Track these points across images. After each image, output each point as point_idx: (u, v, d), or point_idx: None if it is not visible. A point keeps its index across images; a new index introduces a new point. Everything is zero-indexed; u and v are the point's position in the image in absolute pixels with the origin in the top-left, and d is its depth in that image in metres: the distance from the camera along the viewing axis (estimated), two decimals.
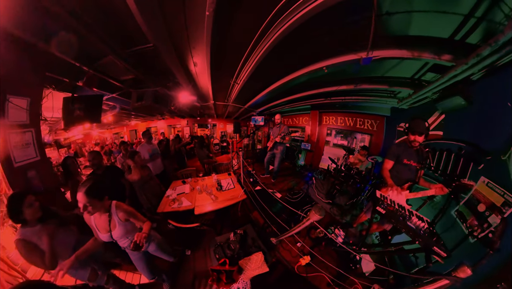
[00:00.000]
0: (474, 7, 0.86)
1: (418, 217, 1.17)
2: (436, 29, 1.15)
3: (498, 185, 0.94)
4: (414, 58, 1.42)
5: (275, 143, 2.97)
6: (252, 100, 3.87)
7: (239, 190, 1.95)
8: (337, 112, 3.86)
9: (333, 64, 1.97)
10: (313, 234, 1.97)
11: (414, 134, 1.27)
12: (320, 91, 3.09)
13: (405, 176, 1.38)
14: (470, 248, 1.01)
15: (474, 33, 0.99)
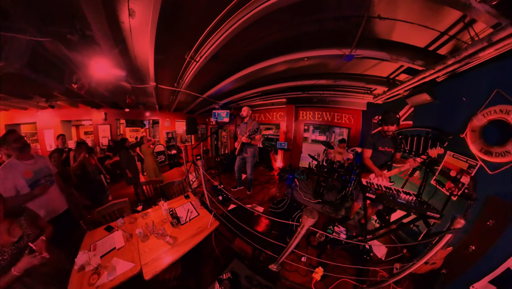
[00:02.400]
0: (450, 27, 1.46)
1: (405, 193, 1.71)
2: (415, 39, 1.77)
3: (462, 155, 1.67)
4: (392, 60, 2.05)
5: (243, 145, 2.84)
6: (214, 88, 3.59)
7: (206, 216, 1.72)
8: (315, 107, 4.61)
9: (315, 56, 2.29)
10: (314, 241, 2.10)
11: (387, 124, 1.85)
12: (298, 84, 3.54)
13: (382, 161, 1.95)
14: (456, 205, 1.68)
15: (444, 47, 1.67)
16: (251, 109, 2.94)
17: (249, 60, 2.63)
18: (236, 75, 2.98)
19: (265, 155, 5.20)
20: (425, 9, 1.46)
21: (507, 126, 1.28)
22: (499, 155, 1.33)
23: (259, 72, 2.80)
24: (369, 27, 1.88)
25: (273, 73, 3.19)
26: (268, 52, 2.43)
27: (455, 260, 1.40)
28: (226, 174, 4.20)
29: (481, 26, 1.26)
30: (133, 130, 5.61)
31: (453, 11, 1.31)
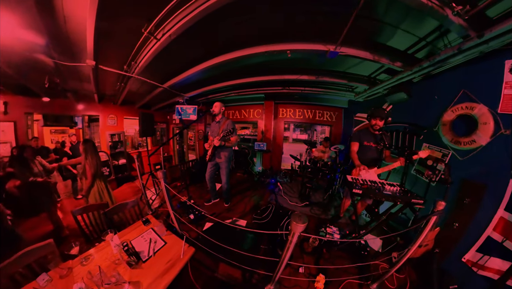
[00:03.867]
0: (427, 34, 1.89)
1: (389, 185, 2.12)
2: (397, 42, 2.20)
3: (435, 146, 2.18)
4: (374, 61, 2.47)
5: (215, 148, 2.74)
6: (179, 77, 3.36)
7: (176, 243, 1.53)
8: (296, 103, 4.93)
9: (299, 50, 2.52)
10: (308, 248, 2.20)
11: (375, 119, 2.24)
12: (279, 78, 3.73)
13: (367, 156, 2.34)
14: (435, 190, 2.16)
15: (421, 51, 2.14)
16: (224, 105, 2.85)
17: (224, 47, 2.56)
18: (207, 62, 2.83)
19: (242, 159, 5.28)
20: (409, 15, 1.83)
21: (472, 120, 1.78)
22: (466, 144, 1.83)
23: (235, 62, 2.77)
24: (356, 26, 2.19)
25: (252, 65, 3.25)
26: (247, 40, 2.43)
27: (444, 238, 1.82)
28: (196, 186, 3.97)
29: (453, 36, 1.70)
30: (56, 132, 4.24)
31: (432, 21, 1.70)
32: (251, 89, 4.58)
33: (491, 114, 1.59)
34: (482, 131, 1.66)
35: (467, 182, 1.78)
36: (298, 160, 4.68)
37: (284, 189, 4.12)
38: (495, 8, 1.30)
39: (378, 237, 2.36)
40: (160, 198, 3.19)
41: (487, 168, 1.60)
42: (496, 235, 1.43)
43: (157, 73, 3.24)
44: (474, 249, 1.55)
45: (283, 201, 3.56)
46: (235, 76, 3.82)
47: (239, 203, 3.30)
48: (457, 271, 1.62)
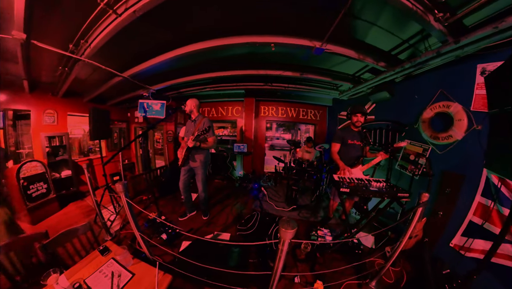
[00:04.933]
0: (410, 37, 2.20)
1: (376, 181, 2.42)
2: (382, 43, 2.50)
3: (416, 142, 2.55)
4: (359, 60, 2.76)
5: (189, 151, 2.63)
6: (143, 65, 3.12)
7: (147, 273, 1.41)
8: (278, 101, 5.07)
9: (284, 44, 2.67)
10: (301, 254, 2.26)
11: (356, 115, 2.51)
12: (261, 73, 3.82)
13: (352, 154, 2.60)
14: (419, 183, 2.52)
15: (404, 53, 2.47)
16: (199, 101, 2.78)
17: (200, 33, 2.48)
18: (179, 50, 2.70)
19: (221, 162, 5.17)
20: (395, 18, 2.10)
21: (448, 117, 2.15)
22: (444, 139, 2.20)
23: (212, 52, 2.73)
24: (343, 24, 2.40)
25: (231, 57, 3.24)
26: (227, 28, 2.41)
27: (431, 227, 2.14)
28: (167, 198, 3.72)
29: (433, 40, 2.03)
30: None
31: (415, 25, 1.99)
32: (230, 84, 4.53)
33: (465, 112, 1.96)
34: (458, 127, 2.03)
35: (447, 173, 2.15)
36: (282, 161, 4.82)
37: (269, 194, 4.18)
38: (471, 17, 1.61)
39: (370, 234, 2.60)
40: (122, 217, 2.86)
41: (464, 159, 1.97)
42: (477, 219, 1.76)
43: (116, 59, 2.90)
44: (459, 233, 1.88)
45: (269, 206, 3.60)
46: (211, 69, 3.72)
47: (220, 214, 3.21)
48: (447, 256, 1.93)
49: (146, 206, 3.39)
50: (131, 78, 3.40)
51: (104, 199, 2.98)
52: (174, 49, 2.72)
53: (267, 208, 3.49)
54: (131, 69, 3.21)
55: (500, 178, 1.58)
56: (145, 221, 2.74)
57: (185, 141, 2.69)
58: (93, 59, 2.58)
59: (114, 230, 2.61)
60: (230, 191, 4.32)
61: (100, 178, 4.53)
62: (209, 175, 5.22)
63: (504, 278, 1.47)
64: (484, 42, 1.58)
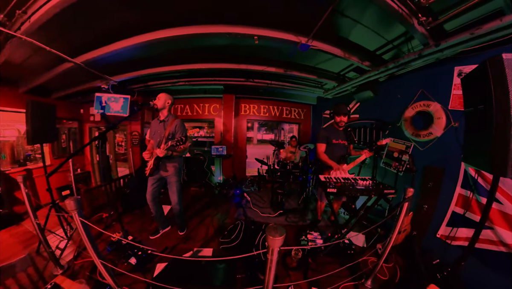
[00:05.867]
0: (395, 38, 2.47)
1: (362, 179, 2.67)
2: (367, 42, 2.75)
3: (399, 139, 2.87)
4: (344, 58, 3.00)
5: (158, 160, 2.46)
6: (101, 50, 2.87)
7: None
8: (261, 99, 5.12)
9: (268, 37, 2.77)
10: (292, 262, 2.30)
11: (339, 116, 2.72)
12: (242, 67, 3.85)
13: (338, 153, 2.80)
14: (403, 179, 2.82)
15: (388, 53, 2.75)
16: (172, 97, 2.61)
17: (176, 17, 2.39)
18: (148, 35, 2.58)
19: (197, 168, 5.02)
20: (381, 19, 2.33)
21: (428, 115, 2.48)
22: (425, 136, 2.52)
23: (188, 40, 2.69)
24: (330, 21, 2.58)
25: (210, 48, 3.20)
26: (206, 15, 2.37)
27: (418, 220, 2.41)
28: (134, 213, 3.48)
29: (416, 43, 2.32)
30: None
31: (400, 27, 2.25)
32: (207, 78, 4.45)
33: (444, 111, 2.29)
34: (437, 124, 2.35)
35: (429, 168, 2.46)
36: (265, 163, 4.85)
37: (253, 200, 4.19)
38: (451, 23, 1.89)
39: (360, 233, 2.81)
40: (76, 243, 2.51)
41: (443, 155, 2.28)
42: (458, 209, 2.07)
43: (65, 39, 2.56)
44: (444, 224, 2.17)
45: (254, 214, 3.60)
46: (187, 60, 3.61)
47: (199, 227, 3.10)
48: (436, 247, 2.19)
49: (108, 226, 3.09)
50: (86, 66, 3.04)
51: (49, 221, 2.51)
52: (143, 33, 2.55)
53: (251, 216, 3.48)
54: (86, 54, 2.91)
55: (476, 170, 1.89)
56: (107, 244, 2.47)
57: (153, 145, 2.51)
58: (33, 37, 2.23)
59: (66, 260, 2.25)
60: (209, 200, 4.22)
61: (44, 194, 3.87)
62: (184, 182, 5.02)
63: (488, 262, 1.75)
64: (461, 46, 1.88)
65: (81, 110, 5.29)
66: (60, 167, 1.88)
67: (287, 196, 4.34)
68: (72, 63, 2.92)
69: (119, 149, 5.62)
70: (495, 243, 1.75)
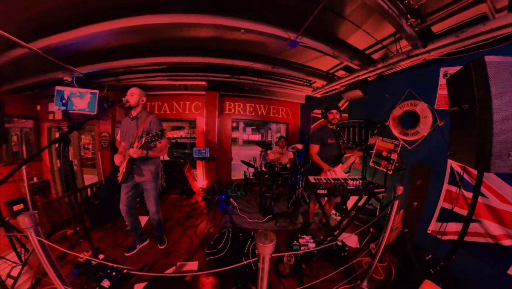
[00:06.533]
0: (384, 38, 2.65)
1: (352, 179, 2.83)
2: (357, 41, 2.91)
3: (388, 138, 3.09)
4: (334, 56, 3.15)
5: (133, 161, 2.34)
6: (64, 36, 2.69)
7: None
8: (246, 97, 5.14)
9: (255, 31, 2.82)
10: (285, 269, 2.34)
11: (331, 112, 2.87)
12: (227, 62, 3.86)
13: (333, 153, 2.98)
14: (392, 177, 3.03)
15: (377, 53, 2.94)
16: (146, 94, 2.51)
17: (153, 2, 2.31)
18: (120, 21, 2.43)
19: (177, 172, 4.92)
20: (371, 18, 2.50)
21: (415, 115, 2.70)
22: (412, 135, 2.74)
23: (167, 29, 2.64)
24: (321, 18, 2.69)
25: (191, 39, 3.18)
26: (190, 2, 2.33)
27: (409, 217, 2.61)
28: (105, 227, 3.30)
29: (404, 43, 2.52)
30: None
31: (389, 27, 2.43)
32: (189, 74, 4.38)
33: (430, 110, 2.51)
34: (424, 123, 2.58)
35: (417, 166, 2.68)
36: (251, 165, 4.87)
37: (240, 205, 4.18)
38: (438, 25, 2.09)
39: (353, 233, 2.94)
40: (33, 268, 2.26)
41: (430, 152, 2.50)
42: (447, 204, 2.28)
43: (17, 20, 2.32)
44: (434, 220, 2.38)
45: (241, 220, 3.60)
46: (166, 52, 3.51)
47: (181, 239, 3.01)
48: (427, 243, 2.38)
49: (73, 244, 2.84)
50: (44, 53, 2.79)
51: None
52: (115, 18, 2.41)
53: (239, 223, 3.48)
54: (45, 39, 2.66)
55: (462, 166, 2.10)
56: (73, 266, 2.28)
57: (124, 147, 2.36)
58: None
59: None
60: (191, 207, 4.12)
61: None
62: (163, 189, 4.86)
63: (477, 253, 1.96)
64: (447, 48, 2.08)
65: (37, 106, 4.87)
66: (10, 176, 1.65)
67: (276, 200, 4.38)
68: (27, 49, 2.64)
69: (86, 153, 5.25)
70: (483, 235, 1.96)
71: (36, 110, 4.89)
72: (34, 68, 3.56)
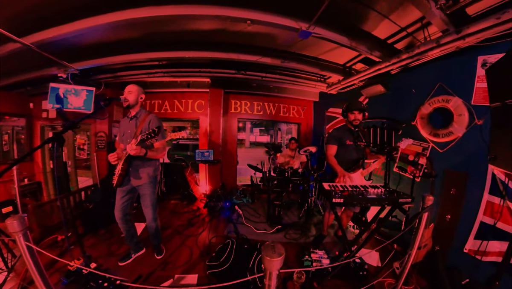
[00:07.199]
0: (409, 25, 2.51)
1: (372, 187, 2.67)
2: (378, 29, 2.78)
3: (415, 140, 2.90)
4: (351, 47, 3.02)
5: (130, 161, 2.39)
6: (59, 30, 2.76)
7: None
8: (254, 94, 5.09)
9: (263, 22, 2.70)
10: (294, 287, 2.27)
11: (353, 112, 2.75)
12: (232, 57, 3.84)
13: (352, 156, 2.84)
14: (421, 185, 2.85)
15: (401, 42, 2.80)
16: (144, 91, 2.52)
17: None
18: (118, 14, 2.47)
19: (177, 176, 4.94)
20: (394, 1, 2.37)
21: (448, 112, 2.52)
22: (444, 136, 2.56)
23: (167, 23, 2.65)
24: (335, 4, 2.59)
25: (194, 32, 3.18)
26: None
27: (440, 233, 2.42)
28: (98, 234, 3.36)
29: (434, 29, 2.37)
30: None
31: (415, 11, 2.29)
32: (191, 70, 4.41)
33: (466, 106, 2.33)
34: (458, 122, 2.40)
35: (450, 172, 2.50)
36: (259, 170, 4.82)
37: (246, 214, 4.14)
38: (474, 6, 1.92)
39: (373, 250, 2.79)
40: (19, 275, 2.32)
41: (467, 156, 2.32)
42: (487, 218, 2.08)
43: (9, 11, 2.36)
44: (472, 237, 2.18)
45: (247, 230, 3.56)
46: (166, 47, 3.55)
47: (180, 249, 3.01)
48: (463, 264, 2.19)
49: (64, 251, 2.88)
50: (38, 48, 2.90)
51: None
52: (112, 11, 2.45)
53: (244, 233, 3.44)
54: (38, 33, 2.75)
55: (506, 173, 1.91)
56: (62, 275, 2.30)
57: (122, 149, 2.40)
58: None
59: None
60: (192, 215, 4.12)
61: None
62: (162, 194, 4.87)
63: None
64: (486, 32, 1.91)
65: (30, 104, 5.02)
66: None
67: (286, 209, 4.30)
68: (20, 43, 2.73)
69: (81, 154, 5.36)
70: None
71: (28, 108, 5.03)
72: (27, 64, 3.68)
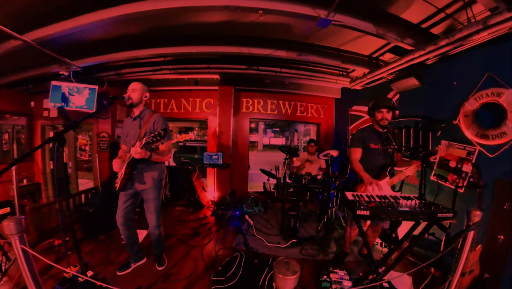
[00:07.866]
0: (448, 5, 2.30)
1: (404, 198, 2.43)
2: (410, 12, 2.59)
3: (458, 143, 2.65)
4: (377, 35, 2.84)
5: (134, 164, 2.45)
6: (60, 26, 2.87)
7: None
8: (267, 92, 5.04)
9: (276, 11, 2.59)
10: None
11: (380, 110, 2.54)
12: (243, 51, 3.79)
13: (376, 162, 2.62)
14: (465, 197, 2.59)
15: (438, 26, 2.59)
16: (149, 89, 2.57)
17: None
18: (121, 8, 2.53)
19: (183, 181, 5.02)
20: None
21: (500, 109, 2.27)
22: (495, 137, 2.31)
23: (173, 16, 2.69)
24: None
25: (201, 25, 3.20)
26: None
27: (491, 257, 2.16)
28: (97, 240, 3.45)
29: (479, 8, 2.16)
30: None
31: None
32: (199, 66, 4.46)
33: None
34: None
35: (503, 182, 2.23)
36: (273, 176, 4.77)
37: (257, 224, 4.09)
38: None
39: (405, 273, 2.57)
40: (13, 280, 2.44)
41: None
42: None
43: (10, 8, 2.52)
44: None
45: (258, 243, 3.49)
46: (172, 42, 3.62)
47: (184, 260, 3.01)
48: None
49: (61, 256, 2.97)
50: (39, 45, 3.04)
51: None
52: (113, 5, 2.53)
53: (254, 246, 3.38)
54: (39, 30, 2.88)
55: None
56: (57, 282, 2.34)
57: (125, 151, 2.46)
58: None
59: None
60: (198, 223, 4.13)
61: None
62: (166, 200, 4.92)
63: None
64: None
65: (31, 102, 5.23)
66: None
67: (303, 220, 4.19)
68: (20, 41, 2.87)
69: (82, 155, 5.51)
70: None
71: (29, 107, 5.26)
72: (27, 62, 3.87)
